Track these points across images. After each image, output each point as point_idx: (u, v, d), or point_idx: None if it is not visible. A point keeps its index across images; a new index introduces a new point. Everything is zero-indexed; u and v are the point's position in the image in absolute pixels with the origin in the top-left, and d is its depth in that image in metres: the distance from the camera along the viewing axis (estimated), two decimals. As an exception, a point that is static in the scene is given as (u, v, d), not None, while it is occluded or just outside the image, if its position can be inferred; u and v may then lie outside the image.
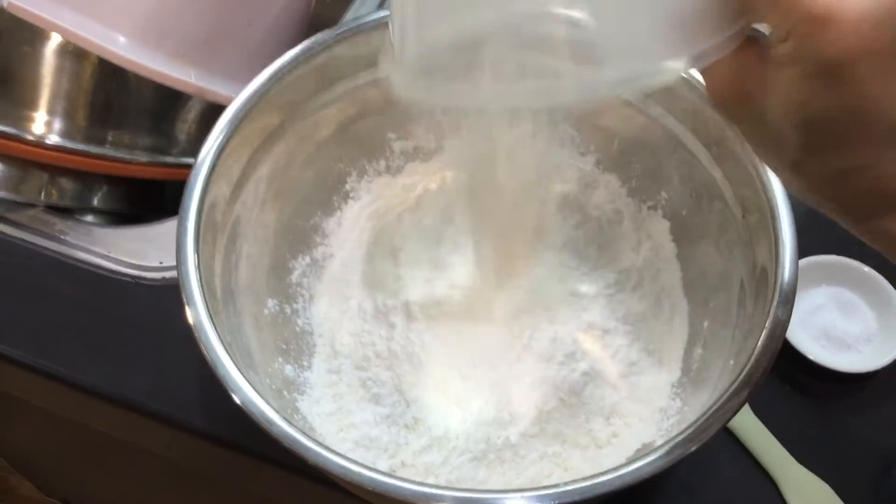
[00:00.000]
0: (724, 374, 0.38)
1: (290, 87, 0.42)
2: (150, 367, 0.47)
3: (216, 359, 0.34)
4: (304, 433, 0.32)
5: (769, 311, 0.34)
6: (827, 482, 0.44)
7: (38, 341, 0.48)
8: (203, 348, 0.34)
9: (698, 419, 0.33)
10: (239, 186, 0.42)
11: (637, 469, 0.33)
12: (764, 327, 0.34)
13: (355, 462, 0.31)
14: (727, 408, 0.33)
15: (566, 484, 0.32)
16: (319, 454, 0.31)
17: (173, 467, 0.63)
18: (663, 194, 0.46)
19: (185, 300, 0.35)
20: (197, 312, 0.35)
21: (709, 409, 0.33)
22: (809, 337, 0.47)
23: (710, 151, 0.42)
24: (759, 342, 0.34)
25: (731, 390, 0.33)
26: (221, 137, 0.40)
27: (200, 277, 0.36)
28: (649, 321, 0.45)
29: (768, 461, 0.45)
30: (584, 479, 0.33)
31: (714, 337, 0.42)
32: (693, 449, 0.32)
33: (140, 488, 0.84)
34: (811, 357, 0.46)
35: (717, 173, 0.42)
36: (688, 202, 0.45)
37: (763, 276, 0.37)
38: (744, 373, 0.34)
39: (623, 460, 0.41)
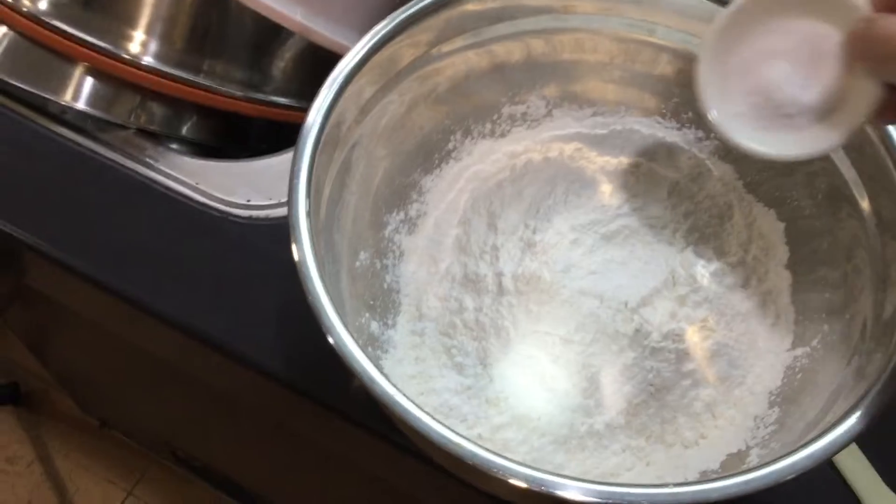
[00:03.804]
0: (833, 397, 0.36)
1: (416, 35, 0.40)
2: (228, 304, 0.46)
3: (319, 303, 0.32)
4: (399, 390, 0.31)
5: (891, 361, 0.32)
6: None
7: (120, 264, 0.48)
8: (308, 291, 0.32)
9: (801, 446, 0.31)
10: (349, 136, 0.40)
11: (730, 486, 0.31)
12: (886, 371, 0.32)
13: (457, 433, 0.30)
14: (835, 443, 0.31)
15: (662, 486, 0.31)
16: (419, 419, 0.30)
17: (224, 399, 0.62)
18: (783, 193, 0.44)
19: (292, 237, 0.34)
20: (303, 252, 0.34)
21: (814, 440, 0.32)
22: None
23: (846, 150, 0.40)
24: (878, 386, 0.32)
25: (842, 427, 0.31)
26: (342, 79, 0.38)
27: (309, 216, 0.34)
28: (752, 322, 0.43)
29: (860, 486, 0.43)
30: (680, 484, 0.31)
31: (825, 349, 0.40)
32: (790, 478, 0.31)
33: (182, 415, 0.84)
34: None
35: (852, 176, 0.39)
36: (811, 206, 0.42)
37: (893, 313, 0.34)
38: (857, 412, 0.31)
39: (710, 465, 0.39)
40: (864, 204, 0.39)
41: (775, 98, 0.35)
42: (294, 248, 0.33)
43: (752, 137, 0.37)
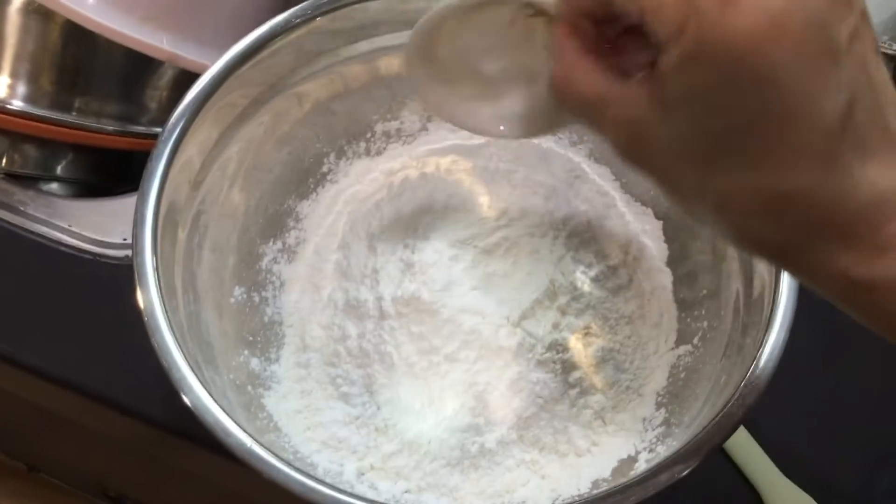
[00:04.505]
0: (714, 388, 0.36)
1: (267, 61, 0.39)
2: (107, 351, 0.45)
3: (167, 353, 0.31)
4: (255, 440, 0.30)
5: (765, 333, 0.32)
6: (813, 496, 0.42)
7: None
8: (153, 339, 0.31)
9: (688, 442, 0.31)
10: (207, 165, 0.39)
11: (622, 492, 0.31)
12: (759, 348, 0.32)
13: (314, 478, 0.29)
14: (718, 432, 0.31)
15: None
16: (273, 466, 0.29)
17: (129, 447, 0.60)
18: (658, 190, 0.44)
19: (137, 283, 0.33)
20: (150, 297, 0.32)
21: (698, 433, 0.31)
22: None
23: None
24: (754, 365, 0.32)
25: (723, 413, 0.31)
26: (189, 111, 0.37)
27: (157, 259, 0.33)
28: (636, 324, 0.43)
29: (753, 472, 0.43)
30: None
31: (705, 345, 0.40)
32: (682, 475, 0.30)
33: (100, 459, 0.82)
34: None
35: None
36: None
37: (761, 290, 0.34)
38: (736, 395, 0.31)
39: (602, 473, 0.39)
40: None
41: (494, 84, 0.32)
42: (139, 295, 0.32)
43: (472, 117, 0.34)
